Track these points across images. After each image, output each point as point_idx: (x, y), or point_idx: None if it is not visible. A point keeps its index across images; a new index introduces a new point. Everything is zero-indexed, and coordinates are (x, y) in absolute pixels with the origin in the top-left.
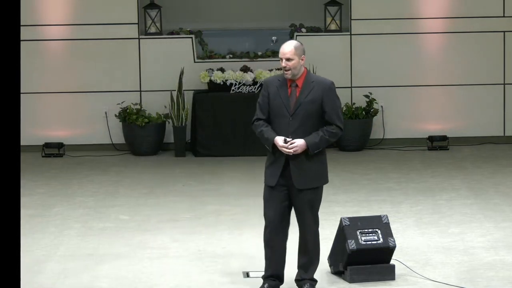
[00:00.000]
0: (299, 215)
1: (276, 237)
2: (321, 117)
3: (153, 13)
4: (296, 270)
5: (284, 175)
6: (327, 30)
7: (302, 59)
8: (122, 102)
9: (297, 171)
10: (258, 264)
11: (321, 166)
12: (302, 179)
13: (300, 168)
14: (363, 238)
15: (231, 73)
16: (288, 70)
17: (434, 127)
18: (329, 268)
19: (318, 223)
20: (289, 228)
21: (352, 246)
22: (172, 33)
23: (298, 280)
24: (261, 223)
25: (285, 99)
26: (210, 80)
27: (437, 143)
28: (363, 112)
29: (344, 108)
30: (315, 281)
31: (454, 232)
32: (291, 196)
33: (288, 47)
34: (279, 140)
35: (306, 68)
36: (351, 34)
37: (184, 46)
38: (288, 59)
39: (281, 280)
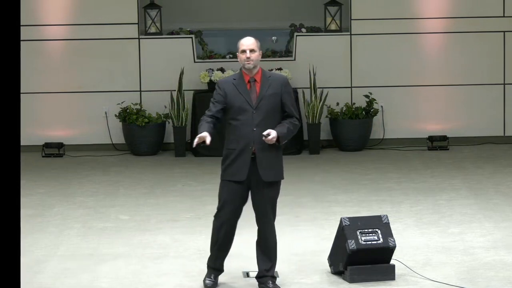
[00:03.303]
0: (260, 212)
1: (231, 234)
2: (280, 111)
3: (153, 13)
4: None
5: (250, 169)
6: (327, 30)
7: (260, 53)
8: (122, 102)
9: (264, 164)
10: None
11: (281, 160)
12: (270, 171)
13: (267, 161)
14: (363, 238)
15: (231, 73)
16: (251, 61)
17: (434, 127)
18: (329, 268)
19: (275, 218)
20: None
21: (352, 246)
22: (172, 33)
23: (259, 277)
24: None
25: (245, 94)
26: (210, 80)
27: (437, 143)
28: (363, 112)
29: (344, 108)
30: (275, 277)
31: (454, 232)
32: (252, 191)
33: (250, 40)
34: (203, 135)
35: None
36: (351, 34)
37: (184, 46)
38: (252, 50)
39: (222, 269)
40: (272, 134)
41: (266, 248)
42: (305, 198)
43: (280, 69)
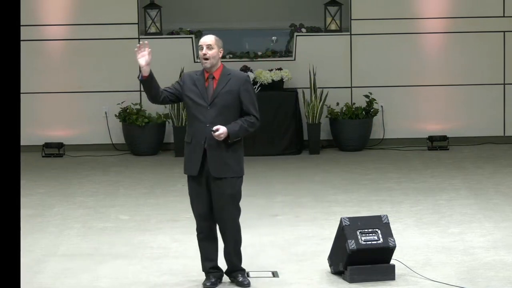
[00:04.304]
0: (218, 207)
1: (204, 231)
2: (239, 109)
3: (153, 13)
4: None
5: (203, 164)
6: (327, 30)
7: (220, 52)
8: (122, 102)
9: (214, 159)
10: (258, 263)
11: (238, 156)
12: (220, 167)
13: (218, 156)
14: (363, 238)
15: None
16: (207, 59)
17: (434, 127)
18: (329, 268)
19: (239, 214)
20: None
21: (352, 246)
22: (172, 33)
23: (229, 272)
24: (261, 223)
25: (202, 90)
26: None
27: (437, 143)
28: (363, 112)
29: (344, 108)
30: (244, 270)
31: (454, 232)
32: (210, 188)
33: (209, 37)
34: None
35: (222, 63)
36: (351, 34)
37: (184, 46)
38: (208, 47)
39: (220, 269)
40: (220, 130)
41: (227, 245)
42: (305, 198)
43: (280, 69)
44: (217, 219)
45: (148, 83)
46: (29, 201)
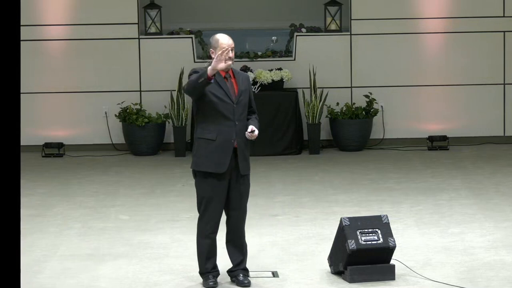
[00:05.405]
0: (237, 206)
1: (216, 231)
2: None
3: (153, 13)
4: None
5: (230, 163)
6: (327, 30)
7: None
8: (122, 102)
9: (242, 157)
10: (258, 263)
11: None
12: (246, 165)
13: (244, 154)
14: (363, 238)
15: None
16: (231, 60)
17: (434, 127)
18: (329, 268)
19: None
20: None
21: (352, 246)
22: (172, 33)
23: (231, 271)
24: (261, 223)
25: (225, 88)
26: None
27: (437, 143)
28: (363, 112)
29: (344, 108)
30: (247, 270)
31: (454, 232)
32: (230, 185)
33: (230, 39)
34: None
35: None
36: (351, 34)
37: (184, 46)
38: (232, 49)
39: (217, 269)
40: (255, 132)
41: (240, 243)
42: (305, 198)
43: (280, 69)
44: (232, 216)
45: (208, 84)
46: (29, 201)
